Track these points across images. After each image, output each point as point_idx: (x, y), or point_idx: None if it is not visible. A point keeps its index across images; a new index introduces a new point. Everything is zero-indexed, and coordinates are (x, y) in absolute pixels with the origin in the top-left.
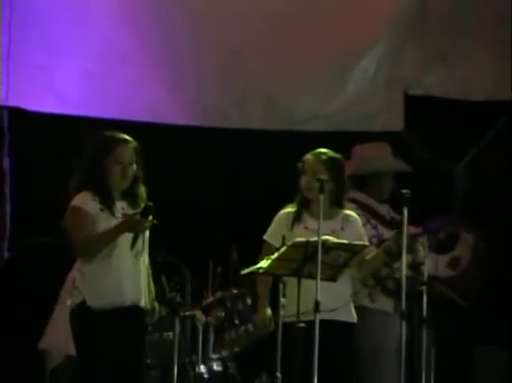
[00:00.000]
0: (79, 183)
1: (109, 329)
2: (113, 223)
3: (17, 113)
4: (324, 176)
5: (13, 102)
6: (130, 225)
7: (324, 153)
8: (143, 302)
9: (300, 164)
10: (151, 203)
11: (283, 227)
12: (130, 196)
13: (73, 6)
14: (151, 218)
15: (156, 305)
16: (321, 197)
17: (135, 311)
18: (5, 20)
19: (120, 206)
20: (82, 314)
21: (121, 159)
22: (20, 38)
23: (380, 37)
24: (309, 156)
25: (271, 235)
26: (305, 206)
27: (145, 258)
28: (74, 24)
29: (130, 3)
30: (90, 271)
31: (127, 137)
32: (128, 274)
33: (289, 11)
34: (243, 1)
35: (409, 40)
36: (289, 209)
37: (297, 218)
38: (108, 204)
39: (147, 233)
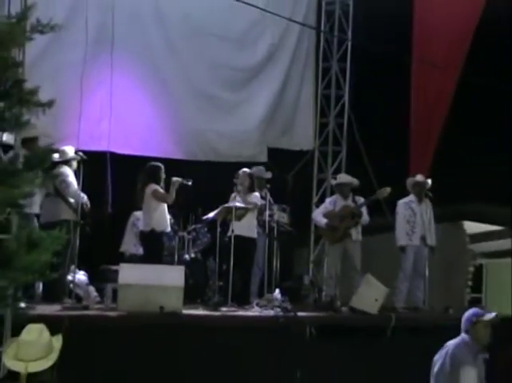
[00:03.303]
0: (148, 180)
1: (161, 241)
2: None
3: (112, 155)
4: (246, 181)
5: (111, 149)
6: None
7: (246, 170)
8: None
9: (236, 174)
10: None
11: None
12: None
13: (134, 100)
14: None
15: None
16: (240, 187)
17: (166, 233)
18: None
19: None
20: (152, 234)
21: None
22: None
23: (258, 125)
24: (240, 171)
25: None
26: (237, 192)
27: None
28: (134, 108)
29: (160, 98)
30: (155, 213)
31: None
32: (166, 217)
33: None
34: (197, 89)
35: (269, 124)
36: (235, 193)
37: (234, 197)
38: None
39: None
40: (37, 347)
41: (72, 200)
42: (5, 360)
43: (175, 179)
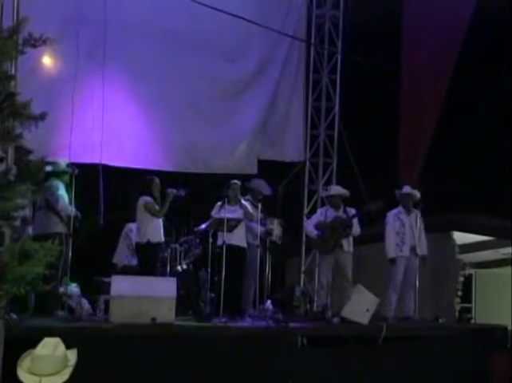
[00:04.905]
0: (140, 193)
1: (156, 250)
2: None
3: (104, 167)
4: (238, 192)
5: (103, 161)
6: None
7: (236, 182)
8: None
9: (228, 184)
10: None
11: (217, 210)
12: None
13: (125, 112)
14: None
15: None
16: (230, 196)
17: (161, 244)
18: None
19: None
20: (147, 245)
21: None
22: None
23: (248, 137)
24: (231, 182)
25: (213, 213)
26: (227, 201)
27: None
28: (125, 120)
29: (151, 111)
30: (150, 226)
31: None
32: (161, 228)
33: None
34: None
35: (259, 136)
36: (220, 202)
37: (222, 206)
38: (155, 200)
39: None
40: (52, 362)
41: (63, 213)
42: (19, 373)
43: (169, 190)
